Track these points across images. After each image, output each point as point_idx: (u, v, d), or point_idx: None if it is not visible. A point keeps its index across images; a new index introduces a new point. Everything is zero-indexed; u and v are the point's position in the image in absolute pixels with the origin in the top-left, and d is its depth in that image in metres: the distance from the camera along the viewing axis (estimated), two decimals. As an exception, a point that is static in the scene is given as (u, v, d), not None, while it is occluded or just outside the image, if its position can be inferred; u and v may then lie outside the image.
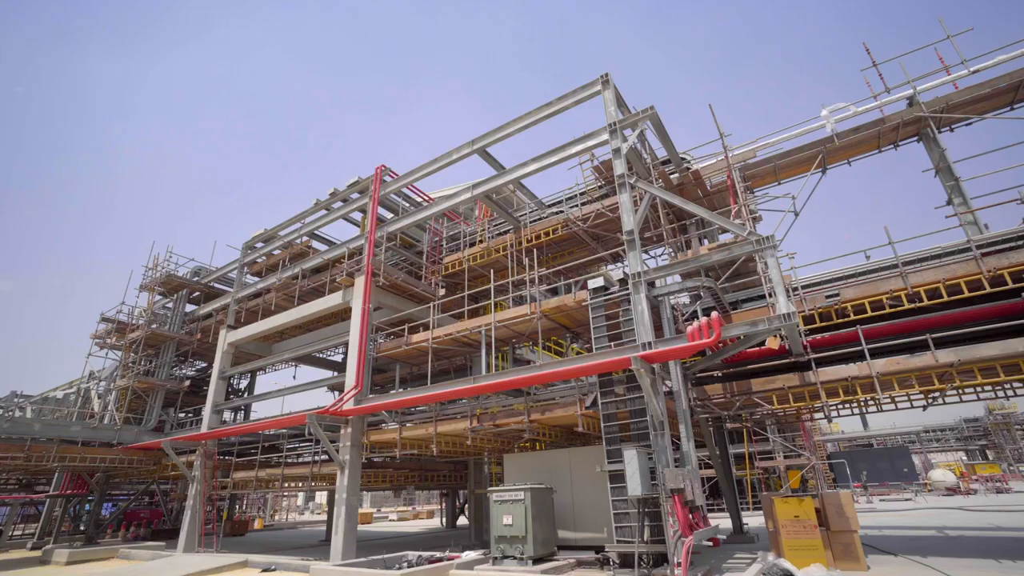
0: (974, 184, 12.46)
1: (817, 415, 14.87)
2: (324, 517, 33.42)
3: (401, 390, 16.05)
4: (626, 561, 8.87)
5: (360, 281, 15.08)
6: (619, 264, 16.17)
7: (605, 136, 11.58)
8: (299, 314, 17.17)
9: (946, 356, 9.23)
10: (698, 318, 8.82)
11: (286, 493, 44.80)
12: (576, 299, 10.99)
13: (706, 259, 9.95)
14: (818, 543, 9.08)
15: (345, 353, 22.06)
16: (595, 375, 10.37)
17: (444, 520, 27.25)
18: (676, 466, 9.11)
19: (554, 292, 17.24)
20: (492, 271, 13.59)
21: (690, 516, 8.46)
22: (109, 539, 22.00)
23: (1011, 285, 9.23)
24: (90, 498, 22.17)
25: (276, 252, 20.00)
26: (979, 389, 10.71)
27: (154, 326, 21.46)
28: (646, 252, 15.01)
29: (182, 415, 22.56)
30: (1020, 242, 9.67)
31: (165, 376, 21.00)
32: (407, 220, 15.76)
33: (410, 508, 49.49)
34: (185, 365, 24.61)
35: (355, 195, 17.65)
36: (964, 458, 50.05)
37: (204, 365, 25.61)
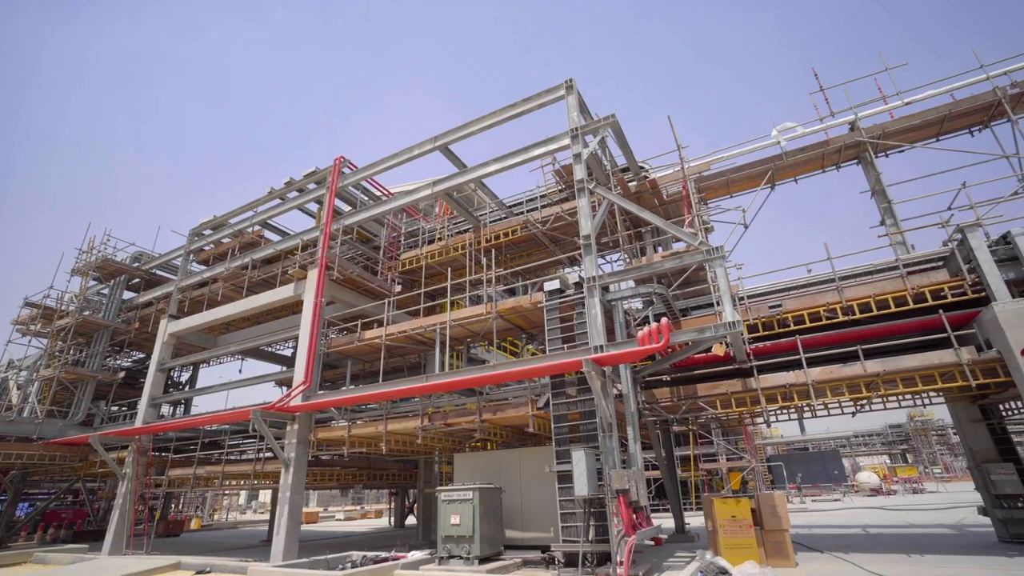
0: (904, 207, 13.42)
1: (758, 420, 15.60)
2: (267, 516, 32.29)
3: (352, 387, 15.72)
4: (571, 560, 9.01)
5: (313, 274, 14.66)
6: (576, 267, 16.40)
7: (567, 141, 11.72)
8: (248, 306, 16.51)
9: (874, 366, 9.86)
10: (649, 323, 9.07)
11: (227, 491, 43.00)
12: (532, 301, 11.07)
13: (659, 266, 10.24)
14: (752, 541, 9.50)
15: (295, 347, 21.39)
16: (548, 376, 10.48)
17: (392, 520, 26.87)
18: (623, 467, 9.33)
19: (512, 293, 17.32)
20: (450, 269, 13.49)
21: (634, 516, 8.68)
22: (23, 542, 20.41)
23: (931, 302, 9.98)
24: (1, 497, 20.48)
25: (226, 240, 19.17)
26: (901, 398, 11.49)
27: (86, 313, 20.12)
28: (603, 257, 15.33)
29: (115, 408, 21.24)
30: (940, 263, 10.46)
31: (97, 367, 19.71)
32: (365, 214, 15.44)
33: (358, 507, 48.49)
34: (120, 356, 23.18)
35: (312, 185, 17.14)
36: (888, 461, 53.62)
37: (142, 356, 24.22)
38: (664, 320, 8.79)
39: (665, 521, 16.93)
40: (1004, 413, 12.25)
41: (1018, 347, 8.52)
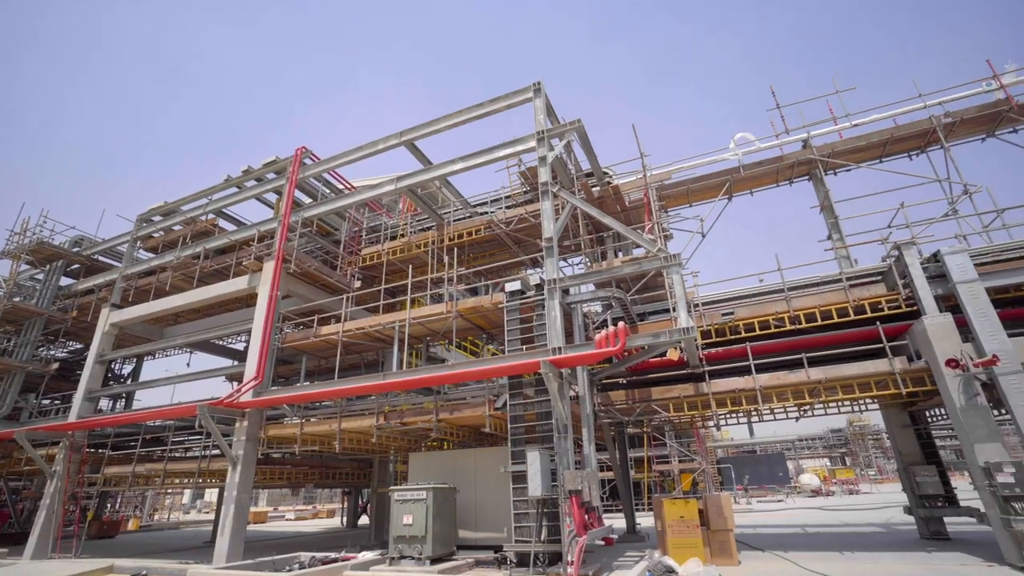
0: (849, 223, 14.24)
1: (709, 423, 16.11)
2: (212, 516, 31.03)
3: (307, 383, 15.28)
4: (523, 560, 9.07)
5: (269, 266, 14.21)
6: (538, 269, 16.53)
7: (533, 143, 11.79)
8: (198, 297, 15.84)
9: (816, 374, 10.37)
10: (608, 327, 9.23)
11: (169, 490, 41.07)
12: (492, 301, 11.09)
13: (618, 271, 10.44)
14: (698, 541, 9.80)
15: (248, 342, 20.67)
16: (506, 377, 10.51)
17: (345, 520, 26.35)
18: (577, 468, 9.46)
19: (474, 292, 17.27)
20: (411, 267, 13.34)
21: (586, 516, 8.81)
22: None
23: (869, 314, 10.58)
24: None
25: (177, 228, 18.31)
26: (840, 404, 12.13)
27: (16, 299, 18.82)
28: (565, 260, 15.49)
29: (46, 401, 19.96)
30: (878, 278, 11.10)
31: (27, 356, 18.43)
32: (326, 207, 15.08)
33: (310, 507, 47.27)
34: (56, 346, 21.79)
35: (271, 175, 16.60)
36: (828, 464, 56.42)
37: (80, 347, 22.84)
38: (621, 324, 8.97)
39: (617, 521, 17.25)
40: (930, 419, 13.09)
41: (943, 358, 9.13)
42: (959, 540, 11.11)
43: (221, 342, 21.60)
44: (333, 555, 10.82)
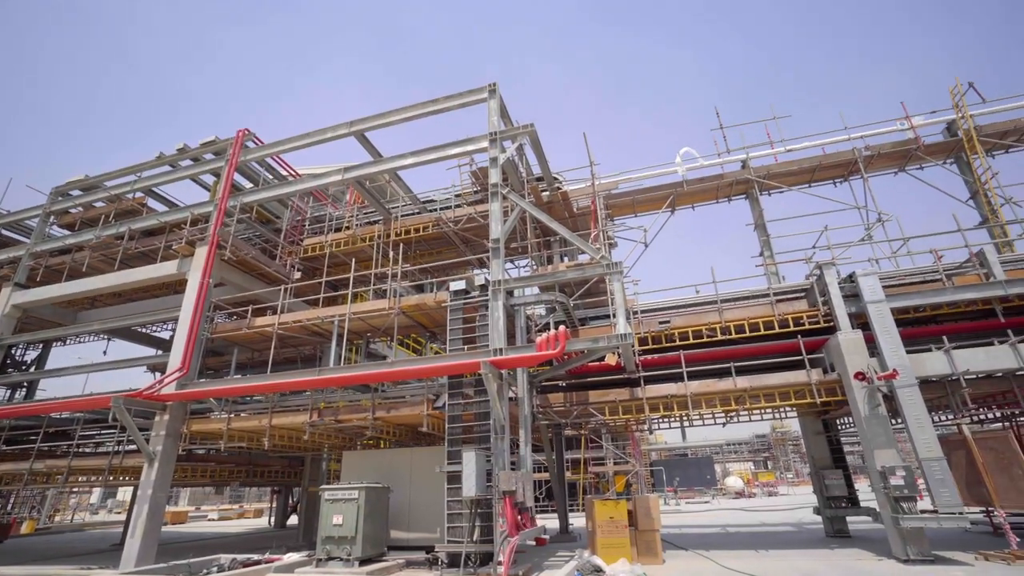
0: (779, 242, 15.29)
1: (643, 427, 16.67)
2: (125, 517, 28.85)
3: (238, 376, 14.60)
4: (454, 561, 9.03)
5: (202, 251, 13.44)
6: (485, 270, 16.57)
7: (485, 144, 11.81)
8: (120, 280, 14.73)
9: (743, 382, 10.99)
10: (550, 330, 9.38)
11: (74, 489, 37.80)
12: (436, 299, 11.00)
13: (562, 275, 10.64)
14: (626, 541, 10.12)
15: (174, 330, 19.44)
16: (446, 376, 10.45)
17: (273, 519, 25.27)
18: (513, 469, 9.54)
19: (420, 289, 17.07)
20: (355, 260, 13.03)
21: (519, 517, 8.91)
22: None
23: (792, 328, 11.32)
24: None
25: (99, 205, 16.97)
26: (763, 411, 12.90)
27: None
28: (511, 262, 15.61)
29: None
30: (802, 294, 11.90)
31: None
32: (268, 193, 14.45)
33: (237, 506, 44.94)
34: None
35: (209, 156, 15.72)
36: (752, 467, 59.84)
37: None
38: (562, 328, 9.15)
39: (552, 522, 17.53)
40: (840, 427, 14.18)
41: (853, 371, 9.92)
42: (858, 537, 12.09)
43: (144, 329, 20.17)
44: (256, 557, 10.37)
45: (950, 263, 11.15)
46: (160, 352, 20.22)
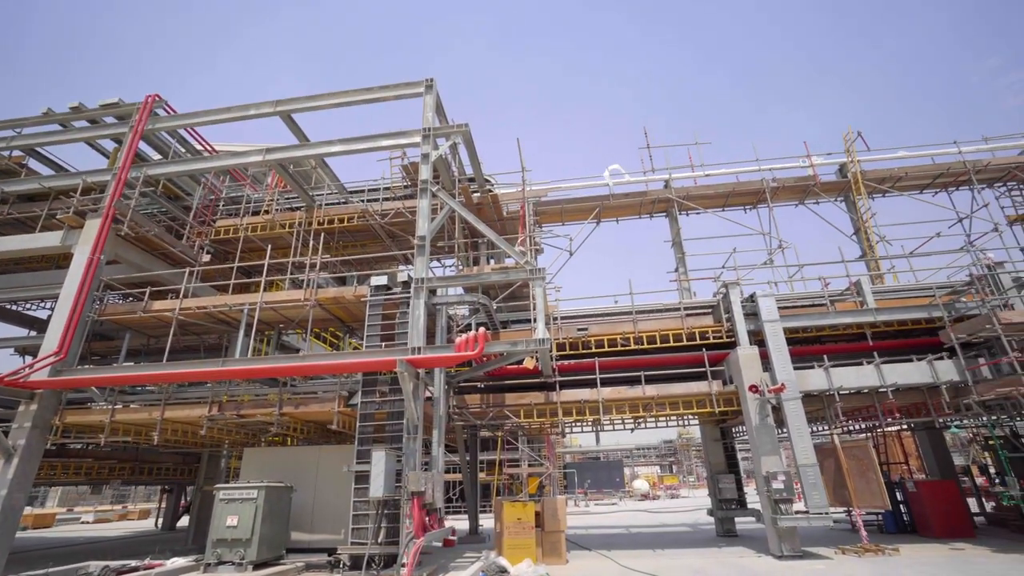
0: (693, 259, 16.40)
1: (556, 430, 17.11)
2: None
3: (129, 364, 13.30)
4: (357, 563, 8.76)
5: (94, 224, 12.12)
6: (410, 266, 16.31)
7: (418, 139, 11.63)
8: (-12, 248, 12.95)
9: (651, 390, 11.61)
10: (472, 331, 9.38)
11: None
12: (355, 293, 10.66)
13: (486, 277, 10.69)
14: (532, 542, 10.31)
15: (53, 309, 17.37)
16: (361, 373, 10.15)
17: (161, 521, 23.23)
18: (425, 469, 9.42)
19: (342, 282, 16.47)
20: (272, 246, 12.32)
21: (427, 518, 8.81)
22: None
23: (699, 341, 12.12)
24: None
25: (-34, 161, 14.81)
26: (668, 418, 13.68)
27: None
28: (437, 260, 15.47)
29: None
30: (709, 310, 12.77)
31: None
32: (178, 167, 13.32)
33: (120, 507, 40.77)
34: None
35: (110, 119, 14.23)
36: (659, 471, 63.22)
37: None
38: (482, 330, 9.18)
39: (462, 523, 17.51)
40: (734, 435, 15.35)
41: (747, 383, 10.78)
42: (744, 536, 13.14)
43: (15, 307, 17.85)
44: (134, 563, 9.44)
45: (835, 290, 12.45)
46: (33, 332, 18.00)
